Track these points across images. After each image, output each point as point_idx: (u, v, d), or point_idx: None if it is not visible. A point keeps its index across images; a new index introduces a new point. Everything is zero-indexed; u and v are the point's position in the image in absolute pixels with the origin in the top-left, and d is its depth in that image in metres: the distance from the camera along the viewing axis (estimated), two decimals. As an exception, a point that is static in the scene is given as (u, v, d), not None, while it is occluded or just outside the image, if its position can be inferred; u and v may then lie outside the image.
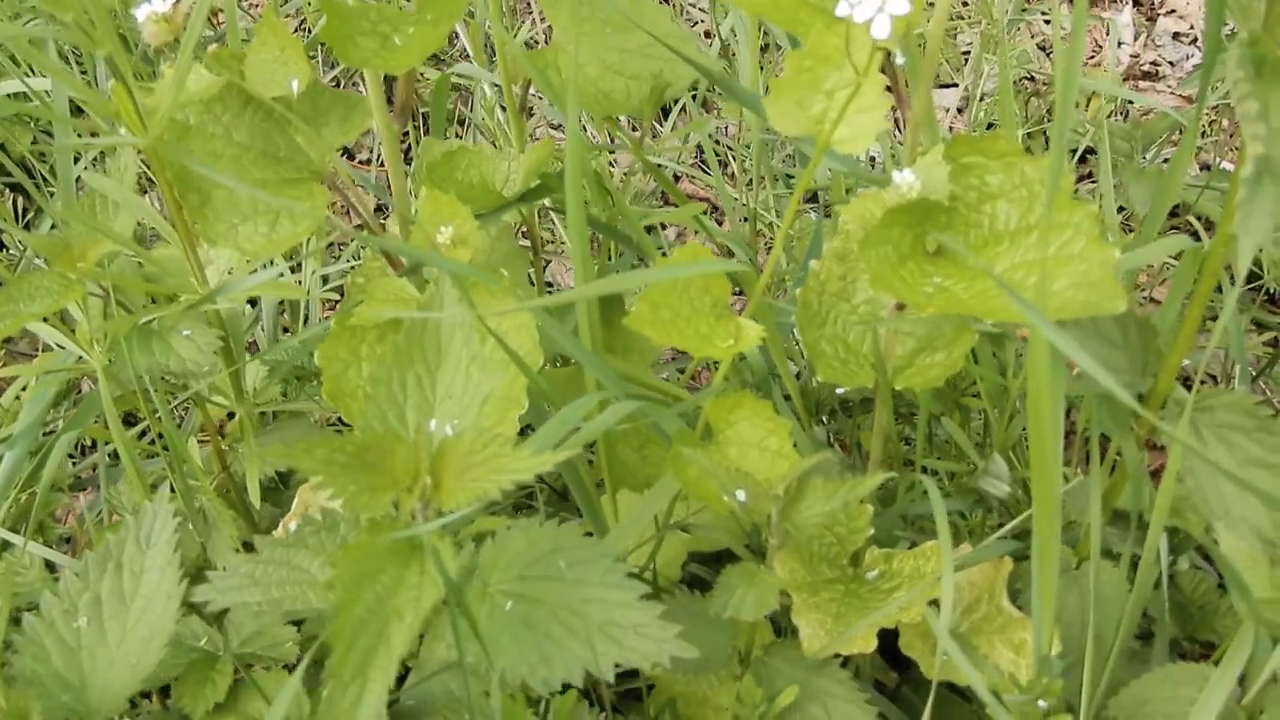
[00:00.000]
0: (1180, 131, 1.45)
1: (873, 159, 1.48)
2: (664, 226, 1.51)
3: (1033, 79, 1.73)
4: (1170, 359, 0.71)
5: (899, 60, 0.61)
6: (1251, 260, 0.54)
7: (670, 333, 0.59)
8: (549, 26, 1.42)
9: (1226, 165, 1.60)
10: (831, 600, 0.74)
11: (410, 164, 1.38)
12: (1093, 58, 1.90)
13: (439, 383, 0.62)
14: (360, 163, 1.58)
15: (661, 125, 1.58)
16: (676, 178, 1.58)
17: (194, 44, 0.65)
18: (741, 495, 0.63)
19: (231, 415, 0.91)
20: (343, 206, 0.88)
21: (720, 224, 1.47)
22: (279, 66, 0.72)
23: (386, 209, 1.27)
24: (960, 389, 0.95)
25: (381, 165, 1.51)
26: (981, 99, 1.49)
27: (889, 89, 0.65)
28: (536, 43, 1.70)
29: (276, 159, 0.75)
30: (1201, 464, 0.68)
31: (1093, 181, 1.60)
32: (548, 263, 1.40)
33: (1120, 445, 0.77)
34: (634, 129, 1.60)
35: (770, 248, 1.40)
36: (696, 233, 1.36)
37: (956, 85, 1.56)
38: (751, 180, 1.33)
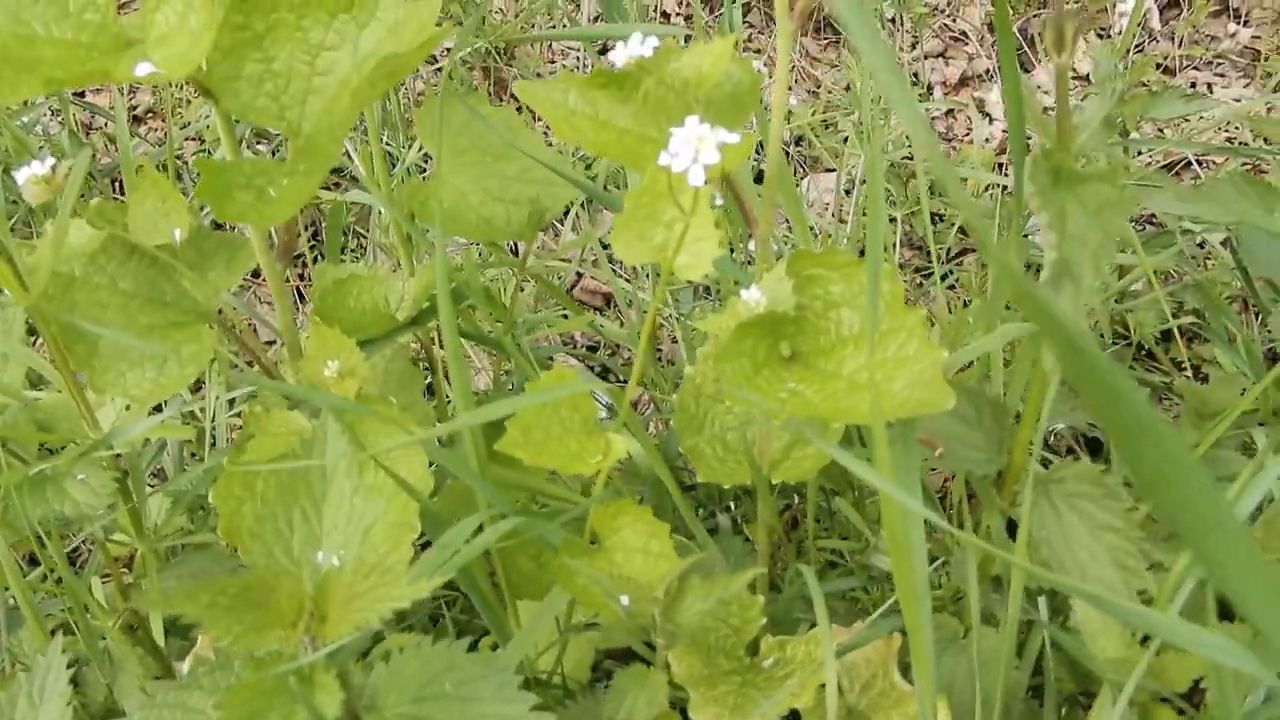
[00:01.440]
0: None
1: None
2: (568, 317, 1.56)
3: (910, 159, 1.83)
4: (1021, 435, 0.76)
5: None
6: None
7: (542, 453, 0.62)
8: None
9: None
10: (729, 692, 0.77)
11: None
12: (967, 135, 2.01)
13: (325, 515, 0.64)
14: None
15: (561, 225, 1.64)
16: (580, 275, 1.63)
17: (72, 203, 0.68)
18: (625, 600, 0.66)
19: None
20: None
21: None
22: (161, 217, 0.75)
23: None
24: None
25: (287, 281, 1.53)
26: (861, 183, 1.57)
27: (741, 209, 0.71)
28: (430, 159, 1.75)
29: (163, 304, 0.77)
30: (1056, 532, 0.73)
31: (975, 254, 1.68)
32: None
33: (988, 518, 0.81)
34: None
35: (674, 340, 1.44)
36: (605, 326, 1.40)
37: (835, 170, 1.65)
38: (647, 275, 1.38)
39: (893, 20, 2.13)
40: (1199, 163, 1.85)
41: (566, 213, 1.63)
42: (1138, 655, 0.65)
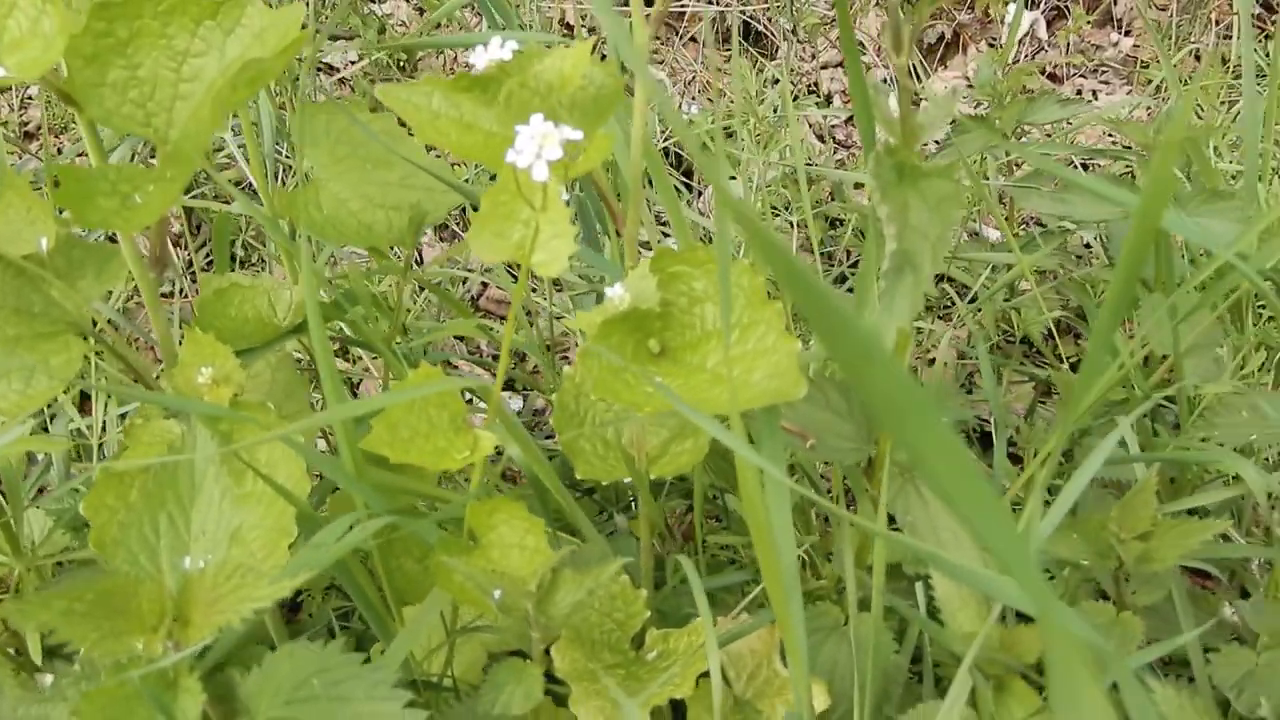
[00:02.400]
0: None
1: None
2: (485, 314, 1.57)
3: (811, 164, 1.88)
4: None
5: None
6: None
7: (410, 450, 0.63)
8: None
9: (989, 231, 1.77)
10: (611, 685, 0.78)
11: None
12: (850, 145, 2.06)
13: (193, 521, 0.64)
14: (164, 295, 1.58)
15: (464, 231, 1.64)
16: (485, 284, 1.64)
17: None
18: (498, 594, 0.67)
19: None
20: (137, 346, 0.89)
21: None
22: (27, 226, 0.74)
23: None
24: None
25: (185, 295, 1.51)
26: (758, 190, 1.60)
27: (608, 208, 0.73)
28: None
29: (31, 315, 0.76)
30: (921, 515, 0.76)
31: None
32: (359, 382, 1.43)
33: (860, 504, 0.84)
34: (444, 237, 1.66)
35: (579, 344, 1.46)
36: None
37: (736, 178, 1.68)
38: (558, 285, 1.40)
39: (793, 31, 2.18)
40: (1084, 166, 1.93)
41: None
42: (987, 629, 0.67)
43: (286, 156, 1.68)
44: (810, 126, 2.03)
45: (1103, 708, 0.35)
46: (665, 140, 1.90)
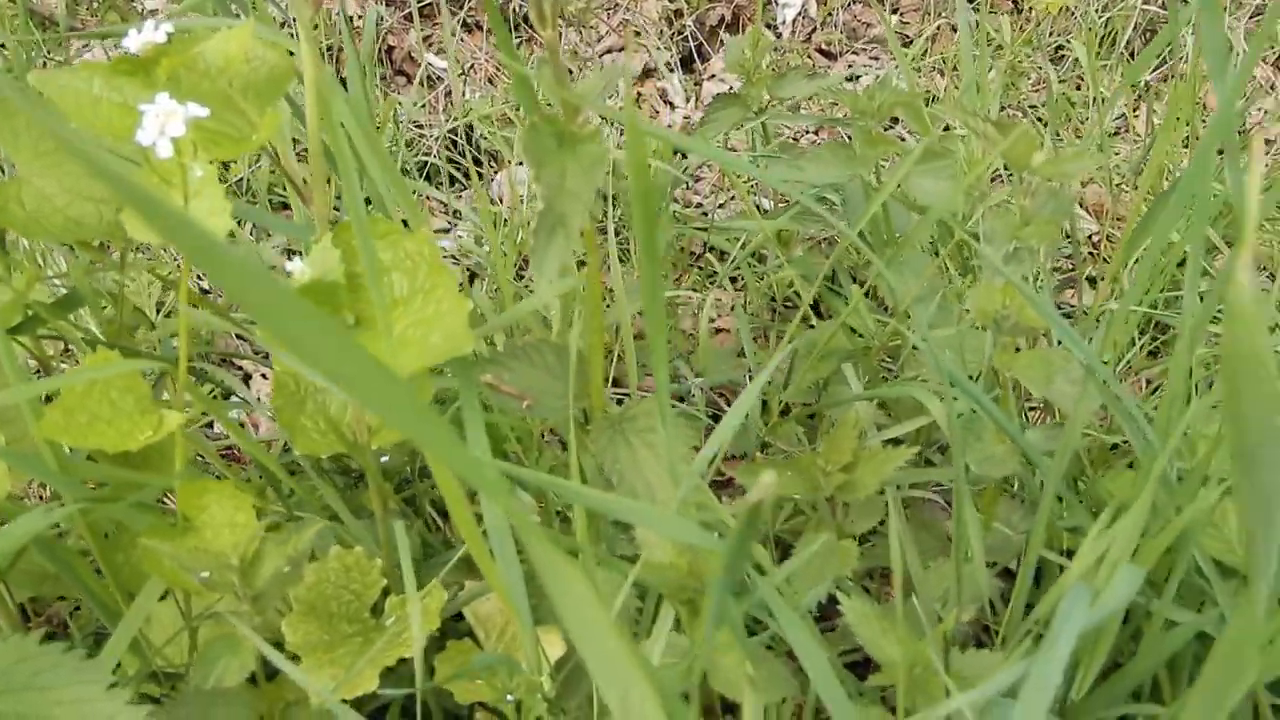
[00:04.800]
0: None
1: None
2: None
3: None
4: (594, 381, 0.83)
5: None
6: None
7: (88, 435, 0.64)
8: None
9: (767, 202, 1.85)
10: (348, 654, 0.80)
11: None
12: (655, 115, 2.13)
13: None
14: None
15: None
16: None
17: None
18: (204, 574, 0.68)
19: None
20: None
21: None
22: None
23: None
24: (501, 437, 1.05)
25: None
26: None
27: (294, 187, 0.74)
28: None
29: None
30: (629, 463, 0.80)
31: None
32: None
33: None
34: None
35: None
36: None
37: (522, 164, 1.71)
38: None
39: (562, 16, 2.22)
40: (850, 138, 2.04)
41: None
42: (682, 561, 0.73)
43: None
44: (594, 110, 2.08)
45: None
46: (452, 124, 1.91)
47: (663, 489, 0.81)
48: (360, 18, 2.10)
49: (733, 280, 1.61)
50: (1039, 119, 2.03)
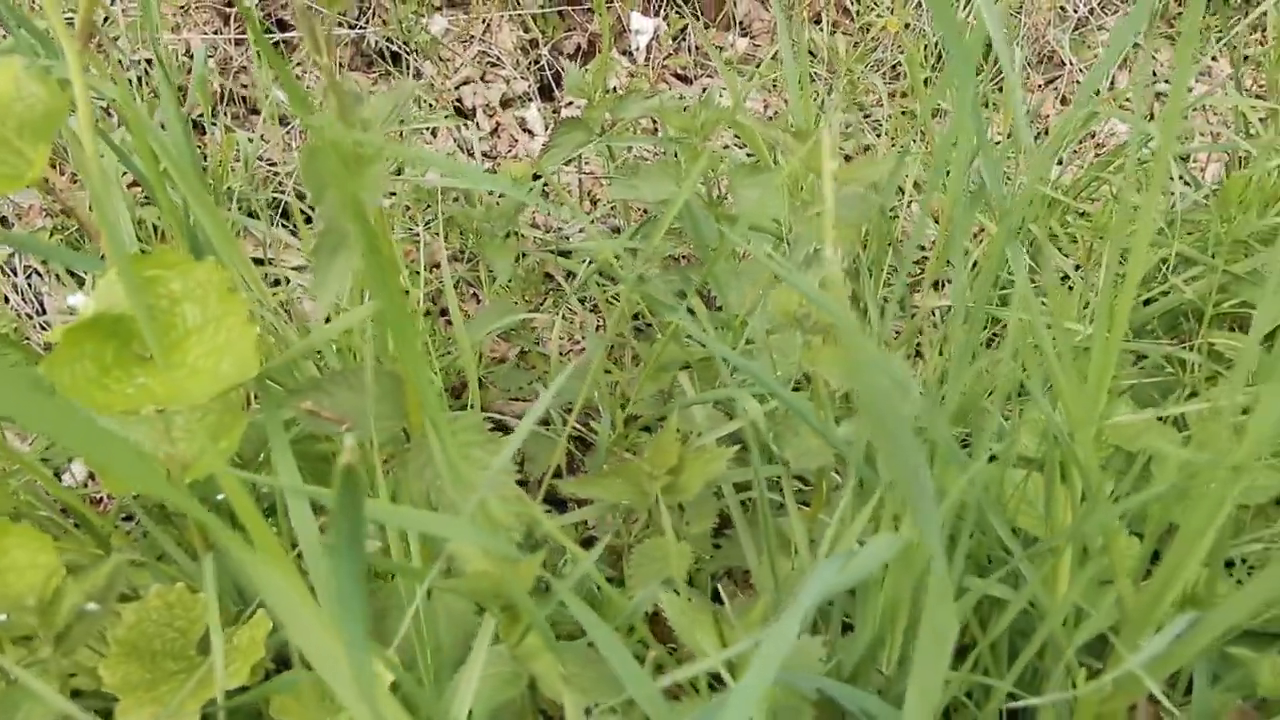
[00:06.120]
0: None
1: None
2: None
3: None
4: (411, 400, 0.84)
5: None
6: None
7: None
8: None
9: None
10: (170, 691, 0.79)
11: None
12: (511, 150, 2.15)
13: None
14: None
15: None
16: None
17: None
18: (3, 617, 0.67)
19: None
20: None
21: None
22: None
23: None
24: (325, 457, 1.05)
25: None
26: (395, 205, 1.64)
27: (80, 222, 0.74)
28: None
29: None
30: (450, 471, 0.82)
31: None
32: None
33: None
34: None
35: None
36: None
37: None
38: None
39: (435, 51, 2.23)
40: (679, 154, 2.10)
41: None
42: (496, 570, 0.74)
43: None
44: (455, 141, 2.09)
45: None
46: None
47: (492, 504, 0.82)
48: (213, 54, 2.08)
49: (591, 300, 1.64)
50: (885, 132, 2.11)
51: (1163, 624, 0.62)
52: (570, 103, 2.27)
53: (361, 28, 2.20)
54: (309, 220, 1.88)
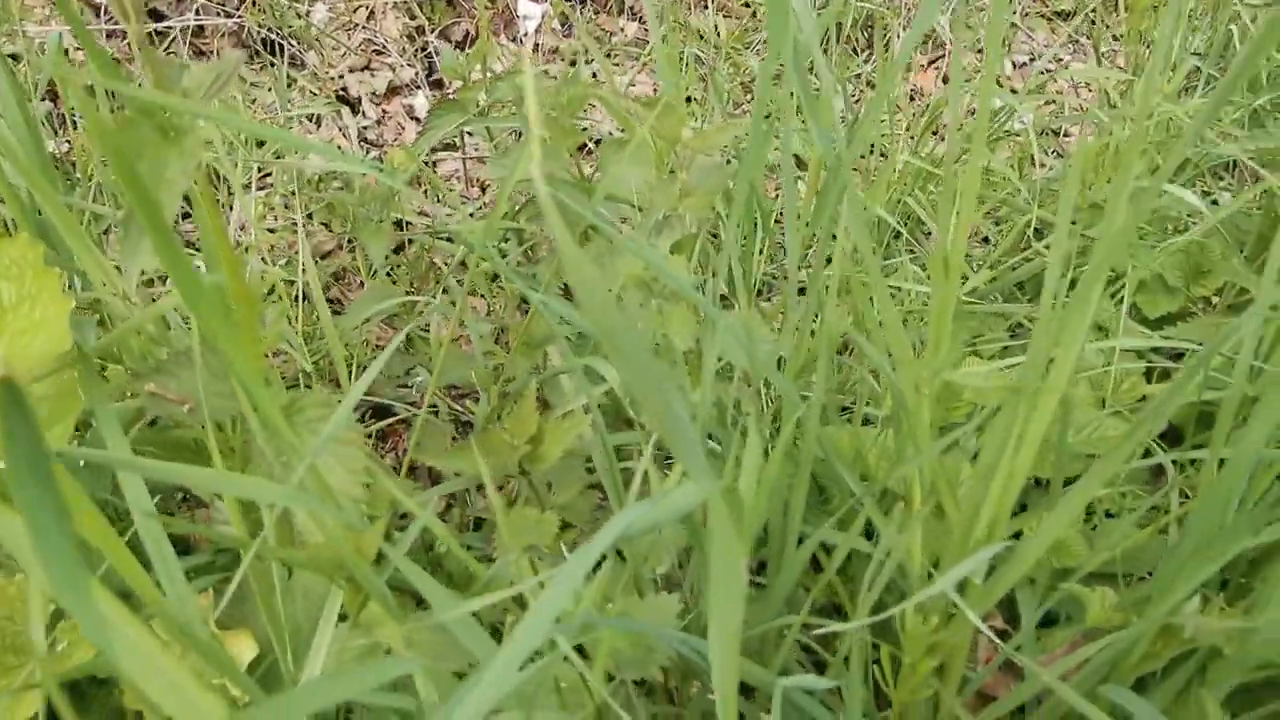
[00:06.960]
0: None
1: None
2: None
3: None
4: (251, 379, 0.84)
5: None
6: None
7: None
8: None
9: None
10: (6, 685, 0.78)
11: None
12: (397, 139, 2.13)
13: None
14: None
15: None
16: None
17: None
18: None
19: None
20: None
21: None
22: None
23: None
24: (189, 445, 1.03)
25: None
26: (295, 193, 1.62)
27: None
28: None
29: None
30: (271, 441, 0.81)
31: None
32: None
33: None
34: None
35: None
36: None
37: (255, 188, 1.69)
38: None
39: (318, 40, 2.20)
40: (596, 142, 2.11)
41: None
42: (341, 541, 0.74)
43: None
44: (338, 129, 2.07)
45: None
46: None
47: (331, 473, 0.82)
48: (79, 48, 2.02)
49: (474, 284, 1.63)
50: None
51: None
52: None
53: (239, 16, 2.15)
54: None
